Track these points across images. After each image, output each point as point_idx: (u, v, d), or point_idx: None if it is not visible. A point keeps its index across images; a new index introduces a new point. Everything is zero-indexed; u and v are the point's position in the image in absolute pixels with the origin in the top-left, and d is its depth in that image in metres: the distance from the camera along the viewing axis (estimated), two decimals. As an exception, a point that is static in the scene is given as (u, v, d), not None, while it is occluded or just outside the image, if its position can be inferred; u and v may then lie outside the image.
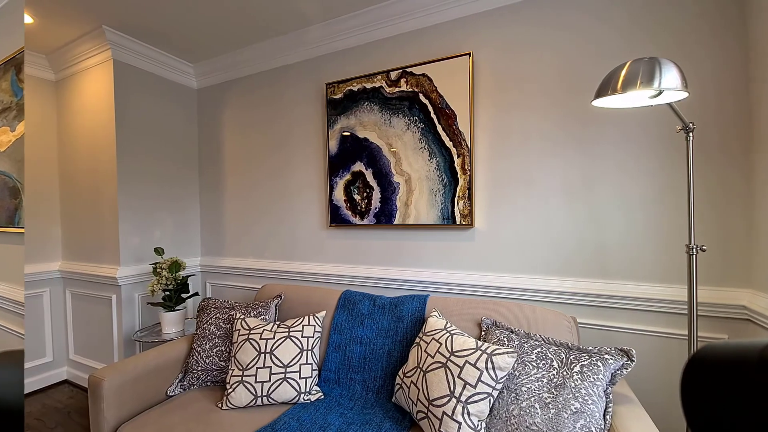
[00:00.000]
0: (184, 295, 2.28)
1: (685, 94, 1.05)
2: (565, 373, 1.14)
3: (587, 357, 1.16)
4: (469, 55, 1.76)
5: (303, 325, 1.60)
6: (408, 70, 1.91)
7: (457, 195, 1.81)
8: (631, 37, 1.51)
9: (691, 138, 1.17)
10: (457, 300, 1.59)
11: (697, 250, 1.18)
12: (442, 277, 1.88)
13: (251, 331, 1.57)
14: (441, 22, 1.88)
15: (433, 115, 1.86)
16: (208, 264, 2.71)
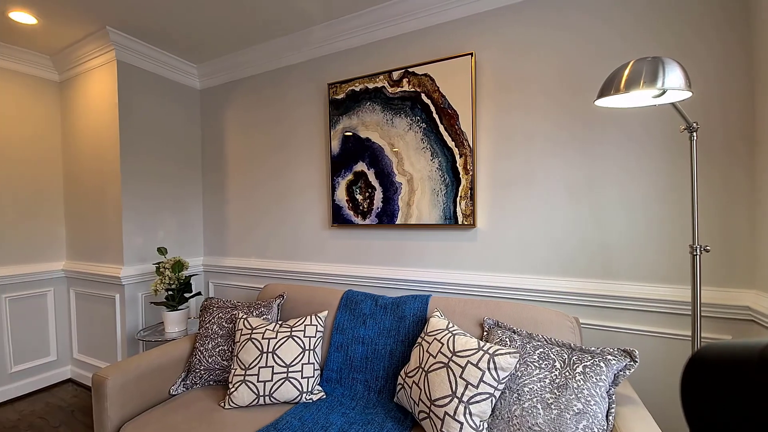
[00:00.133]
0: (187, 295, 2.29)
1: (688, 94, 1.04)
2: (567, 374, 1.14)
3: (590, 357, 1.16)
4: (472, 55, 1.76)
5: (305, 325, 1.60)
6: (410, 70, 1.91)
7: (460, 195, 1.81)
8: (633, 37, 1.50)
9: (695, 138, 1.16)
10: (459, 300, 1.59)
11: (700, 251, 1.17)
12: (444, 277, 1.88)
13: (253, 331, 1.57)
14: (443, 22, 1.88)
15: (436, 115, 1.86)
16: (210, 264, 2.72)
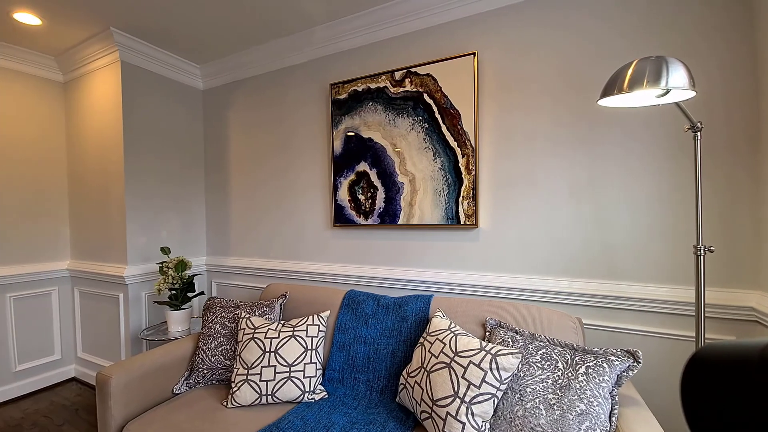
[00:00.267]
0: (190, 294, 2.30)
1: (692, 93, 1.03)
2: (570, 375, 1.13)
3: (593, 358, 1.15)
4: (474, 54, 1.75)
5: (307, 325, 1.61)
6: (412, 70, 1.91)
7: (462, 195, 1.81)
8: (636, 37, 1.50)
9: (699, 137, 1.15)
10: (461, 300, 1.59)
11: (704, 251, 1.16)
12: (447, 278, 1.88)
13: (256, 331, 1.58)
14: (445, 22, 1.88)
15: (438, 115, 1.85)
16: (213, 263, 2.73)
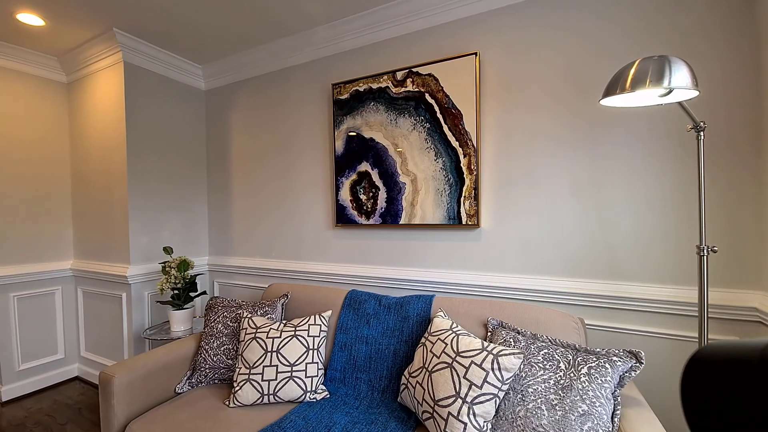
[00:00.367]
0: (193, 294, 2.30)
1: (695, 93, 1.03)
2: (572, 375, 1.13)
3: (595, 359, 1.15)
4: (476, 54, 1.75)
5: (309, 325, 1.61)
6: (414, 70, 1.91)
7: (463, 195, 1.80)
8: (638, 37, 1.49)
9: (702, 137, 1.15)
10: (462, 300, 1.59)
11: (707, 251, 1.16)
12: (448, 278, 1.87)
13: (258, 330, 1.58)
14: (447, 22, 1.87)
15: (439, 115, 1.85)
16: (215, 263, 2.74)
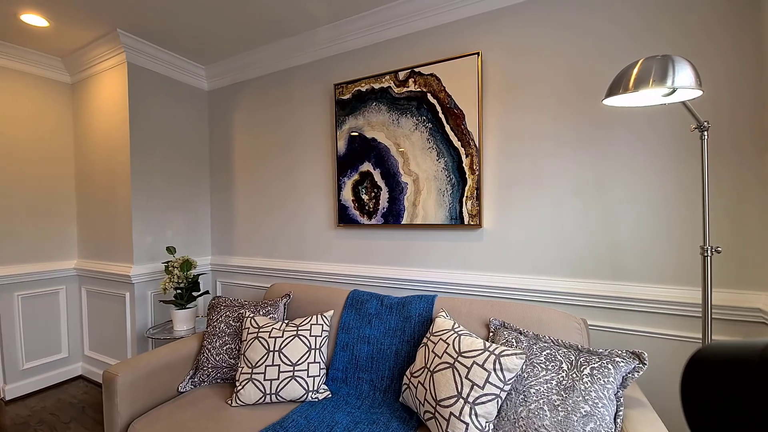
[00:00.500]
0: (195, 294, 2.31)
1: (699, 93, 1.03)
2: (574, 376, 1.13)
3: (597, 359, 1.14)
4: (478, 54, 1.75)
5: (311, 324, 1.61)
6: (416, 70, 1.91)
7: (466, 195, 1.80)
8: (641, 36, 1.48)
9: (706, 137, 1.14)
10: (465, 300, 1.59)
11: (711, 252, 1.15)
12: (450, 278, 1.87)
13: (260, 330, 1.59)
14: (449, 22, 1.87)
15: (441, 115, 1.85)
16: (218, 263, 2.75)
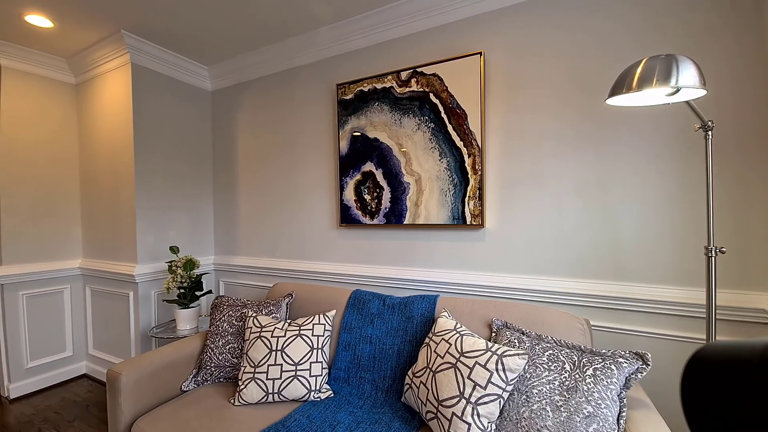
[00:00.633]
0: (198, 293, 2.33)
1: (703, 92, 1.02)
2: (577, 376, 1.12)
3: (600, 360, 1.14)
4: (481, 54, 1.75)
5: (313, 324, 1.62)
6: (419, 70, 1.91)
7: (468, 195, 1.80)
8: (644, 36, 1.47)
9: (710, 137, 1.13)
10: (467, 300, 1.59)
11: (715, 252, 1.14)
12: (452, 278, 1.87)
13: (263, 329, 1.59)
14: (452, 21, 1.87)
15: (444, 115, 1.85)
16: (221, 263, 2.76)
